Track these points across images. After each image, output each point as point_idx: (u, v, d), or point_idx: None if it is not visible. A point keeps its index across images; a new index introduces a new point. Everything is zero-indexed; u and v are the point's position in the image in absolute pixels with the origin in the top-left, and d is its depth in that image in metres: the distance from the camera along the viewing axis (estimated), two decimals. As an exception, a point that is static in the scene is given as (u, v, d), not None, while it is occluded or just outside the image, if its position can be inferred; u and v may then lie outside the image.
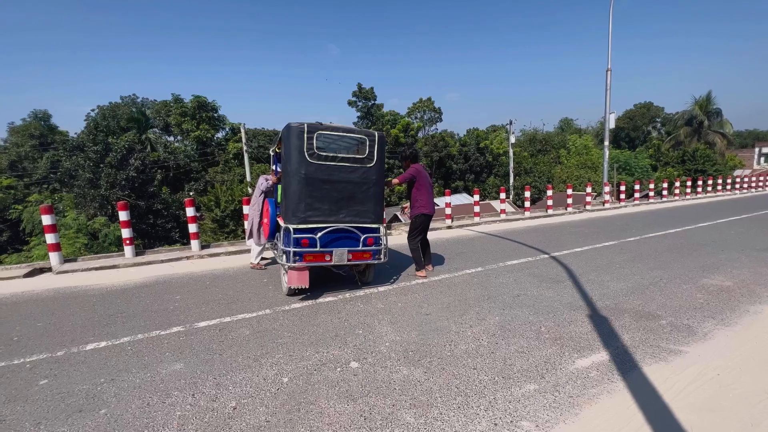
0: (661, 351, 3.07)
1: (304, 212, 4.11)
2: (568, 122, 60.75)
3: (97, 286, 5.17)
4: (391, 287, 4.78)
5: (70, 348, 3.25)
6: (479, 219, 11.06)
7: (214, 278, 5.44)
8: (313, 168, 4.09)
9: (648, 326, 3.54)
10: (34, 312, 4.20)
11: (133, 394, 2.55)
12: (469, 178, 37.28)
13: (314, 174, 4.09)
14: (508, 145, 32.56)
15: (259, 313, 3.95)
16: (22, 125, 30.05)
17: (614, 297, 4.32)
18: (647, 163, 36.37)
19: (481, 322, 3.67)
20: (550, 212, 12.57)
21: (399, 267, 5.79)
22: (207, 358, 3.02)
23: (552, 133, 53.95)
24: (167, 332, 3.53)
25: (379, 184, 4.46)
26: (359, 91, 48.72)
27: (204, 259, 6.96)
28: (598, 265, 5.72)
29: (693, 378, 2.69)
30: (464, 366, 2.86)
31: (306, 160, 4.06)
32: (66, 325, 3.78)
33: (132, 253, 6.98)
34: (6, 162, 25.66)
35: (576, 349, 3.11)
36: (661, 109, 61.18)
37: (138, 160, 17.44)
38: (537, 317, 3.76)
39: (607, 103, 14.98)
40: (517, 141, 44.24)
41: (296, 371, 2.82)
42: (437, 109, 50.09)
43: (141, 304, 4.34)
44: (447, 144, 37.54)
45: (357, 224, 4.33)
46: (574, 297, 4.33)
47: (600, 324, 3.60)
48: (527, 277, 5.10)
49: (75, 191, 16.49)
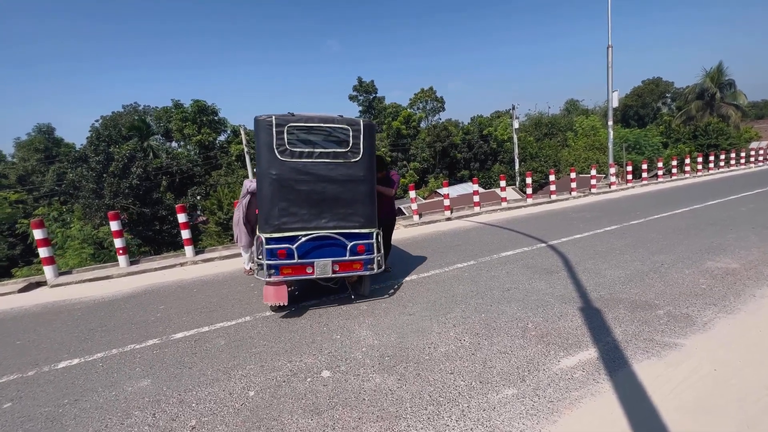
0: (654, 345, 2.87)
1: (279, 218, 3.63)
2: (574, 103, 59.29)
3: (87, 299, 5.14)
4: (379, 286, 4.62)
5: (41, 367, 3.19)
6: (479, 209, 10.80)
7: (202, 285, 5.38)
8: (286, 167, 3.59)
9: (643, 317, 3.33)
10: (17, 329, 4.17)
11: (93, 416, 2.46)
12: (474, 167, 36.76)
13: (288, 174, 3.59)
14: (512, 131, 31.93)
15: (238, 321, 3.85)
16: (27, 140, 30.76)
17: (610, 286, 4.10)
18: (658, 141, 35.26)
19: (465, 320, 3.50)
20: (553, 198, 12.22)
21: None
22: (176, 373, 2.93)
23: (558, 115, 52.79)
24: (142, 346, 3.45)
25: (369, 182, 3.86)
26: (360, 85, 48.36)
27: (197, 265, 6.91)
28: (597, 252, 5.47)
29: (687, 374, 2.49)
30: (441, 371, 2.71)
31: (277, 159, 3.56)
32: (44, 342, 3.74)
33: (126, 263, 6.97)
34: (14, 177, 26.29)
35: (563, 346, 2.93)
36: (671, 84, 59.26)
37: (140, 168, 17.58)
38: (525, 312, 3.57)
39: (609, 81, 14.43)
40: (522, 126, 43.43)
41: (265, 383, 2.70)
42: (439, 98, 49.44)
43: (123, 317, 4.29)
44: (450, 133, 37.04)
45: (343, 230, 3.79)
46: (567, 288, 4.12)
47: (591, 317, 3.39)
48: (520, 269, 4.90)
49: (81, 202, 16.74)
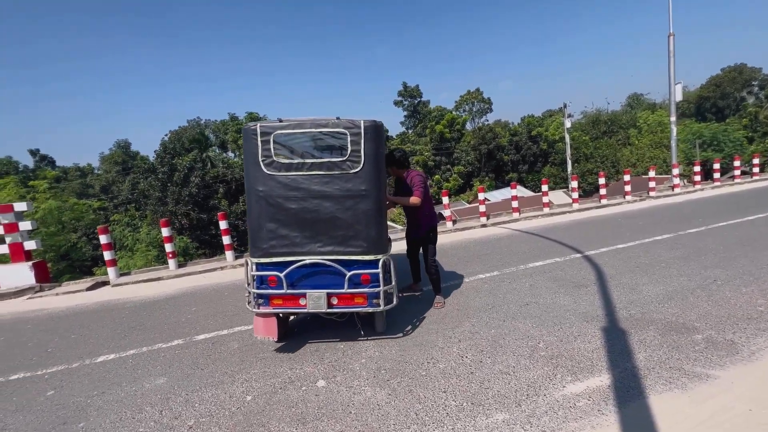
0: (681, 375, 2.54)
1: (267, 242, 3.19)
2: (638, 98, 54.24)
3: (136, 299, 5.72)
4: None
5: (84, 360, 3.61)
6: (518, 215, 10.30)
7: (234, 289, 5.73)
8: (274, 182, 3.14)
9: (675, 342, 2.96)
10: (76, 323, 4.76)
11: (113, 408, 2.74)
12: (523, 169, 35.18)
13: (275, 191, 3.15)
14: (563, 130, 30.09)
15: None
16: (109, 154, 35.33)
17: (644, 304, 3.70)
18: (740, 136, 31.09)
19: (473, 336, 3.36)
20: (603, 202, 11.29)
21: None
22: (189, 373, 3.15)
23: (618, 112, 48.70)
24: (167, 345, 3.76)
25: (373, 197, 3.20)
26: (404, 89, 48.66)
27: (235, 270, 7.37)
28: (639, 264, 4.96)
29: (714, 412, 2.17)
30: (434, 388, 2.63)
31: (263, 173, 3.14)
32: (93, 336, 4.22)
33: (175, 266, 7.64)
34: (98, 187, 30.28)
35: (572, 371, 2.70)
36: (758, 71, 52.02)
37: (198, 177, 19.24)
38: (539, 330, 3.35)
39: (671, 72, 13.06)
40: (576, 124, 40.79)
41: (262, 389, 2.81)
42: (486, 99, 48.13)
43: (160, 317, 4.71)
44: (496, 135, 35.83)
45: (340, 256, 3.21)
46: (592, 305, 3.79)
47: (613, 339, 3.09)
48: (546, 282, 4.59)
49: (149, 209, 18.72)
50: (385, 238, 3.43)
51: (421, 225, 4.01)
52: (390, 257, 3.38)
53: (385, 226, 3.44)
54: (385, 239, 3.39)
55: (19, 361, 3.73)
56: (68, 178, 36.86)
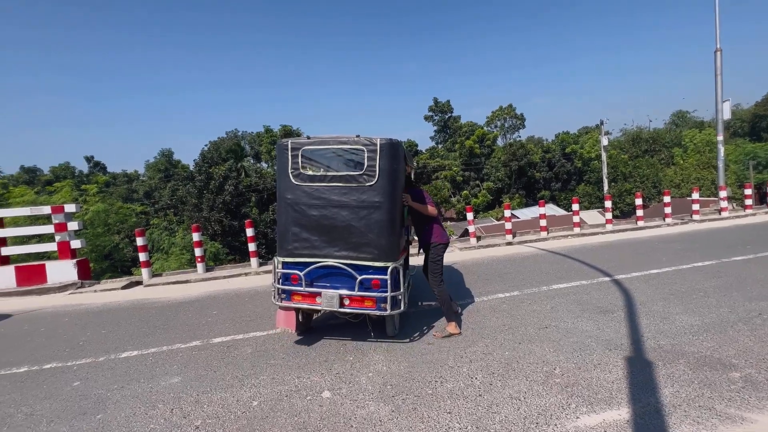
0: (712, 415, 2.32)
1: (291, 243, 3.53)
2: (683, 115, 51.50)
3: (164, 299, 6.00)
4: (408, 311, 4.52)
5: (110, 355, 3.81)
6: (546, 234, 9.95)
7: (254, 295, 5.88)
8: (299, 191, 3.50)
9: (708, 378, 2.72)
10: (108, 320, 5.05)
11: (129, 403, 2.86)
12: (555, 187, 34.07)
13: (300, 199, 3.49)
14: (600, 148, 28.96)
15: (269, 332, 4.13)
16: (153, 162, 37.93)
17: (676, 335, 3.43)
18: (800, 157, 28.66)
19: (485, 357, 3.25)
20: (639, 224, 10.68)
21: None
22: (202, 374, 3.25)
23: (662, 130, 46.35)
24: (186, 346, 3.91)
25: (386, 209, 3.41)
26: (435, 105, 48.94)
27: (258, 276, 7.57)
28: (673, 292, 4.63)
29: (747, 461, 1.96)
30: (439, 408, 2.55)
31: (291, 183, 3.52)
32: (120, 333, 4.46)
33: (203, 270, 7.97)
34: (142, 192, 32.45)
35: (588, 401, 2.53)
36: (823, 88, 47.94)
37: (232, 186, 20.15)
38: (556, 356, 3.18)
39: (718, 89, 12.31)
40: (615, 142, 39.23)
41: (269, 395, 2.84)
42: (519, 115, 47.46)
43: (183, 318, 4.90)
44: (528, 151, 35.05)
45: (353, 260, 3.45)
46: (617, 333, 3.56)
47: (638, 370, 2.88)
48: (569, 305, 4.38)
49: (185, 214, 19.77)
50: (396, 247, 3.55)
51: (420, 240, 4.05)
52: (400, 265, 3.51)
53: (397, 235, 3.58)
54: (395, 248, 3.52)
55: (54, 352, 4.00)
56: (116, 183, 39.82)
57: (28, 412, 2.85)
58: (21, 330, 4.87)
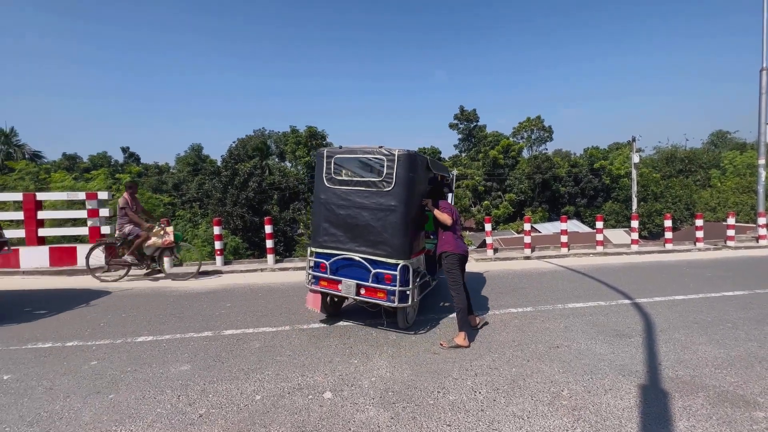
0: (729, 455, 2.19)
1: (321, 236, 4.12)
2: (723, 136, 49.02)
3: (181, 289, 6.20)
4: (417, 319, 4.50)
5: (127, 338, 3.98)
6: (566, 250, 9.67)
7: (267, 291, 5.99)
8: (330, 193, 4.09)
9: (728, 415, 2.56)
10: (129, 304, 5.26)
11: (140, 386, 2.97)
12: (581, 203, 33.08)
13: (330, 199, 4.07)
14: (630, 165, 27.94)
15: (278, 329, 4.19)
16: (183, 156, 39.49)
17: (697, 367, 3.26)
18: None
19: (491, 371, 3.19)
20: (668, 247, 10.22)
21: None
22: (211, 365, 3.34)
23: (698, 150, 44.31)
24: (198, 335, 4.02)
25: (400, 212, 3.81)
26: (461, 113, 48.62)
27: (273, 273, 7.72)
28: (698, 320, 4.40)
29: (764, 507, 1.84)
30: (439, 420, 2.52)
31: (324, 185, 4.12)
32: (139, 318, 4.64)
33: (221, 263, 8.19)
34: (171, 184, 33.79)
35: (594, 427, 2.44)
36: None
37: (255, 183, 20.66)
38: (565, 377, 3.08)
39: (761, 110, 11.67)
40: (647, 160, 37.79)
41: (272, 391, 2.89)
42: (547, 128, 46.53)
43: (198, 308, 5.05)
44: (553, 165, 34.23)
45: (370, 256, 3.89)
46: (633, 359, 3.41)
47: (651, 400, 2.75)
48: (583, 326, 4.24)
49: (210, 208, 20.42)
50: (409, 247, 3.89)
51: (436, 247, 4.14)
52: (411, 263, 3.88)
53: (411, 237, 3.92)
54: (407, 248, 3.87)
55: (77, 331, 4.21)
56: (148, 174, 41.60)
57: (48, 386, 3.01)
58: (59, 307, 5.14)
